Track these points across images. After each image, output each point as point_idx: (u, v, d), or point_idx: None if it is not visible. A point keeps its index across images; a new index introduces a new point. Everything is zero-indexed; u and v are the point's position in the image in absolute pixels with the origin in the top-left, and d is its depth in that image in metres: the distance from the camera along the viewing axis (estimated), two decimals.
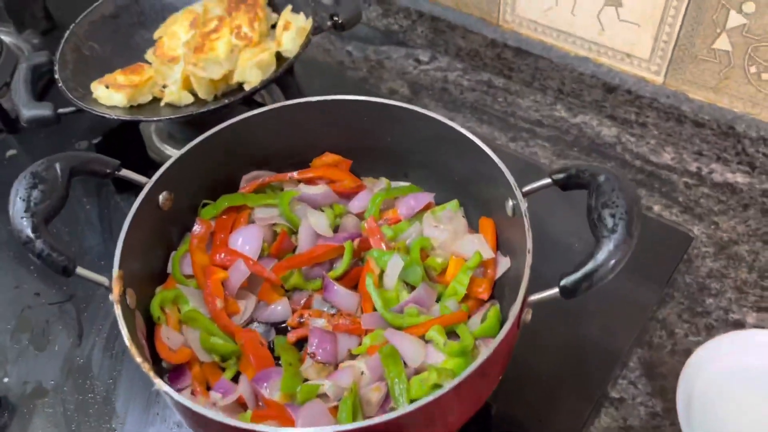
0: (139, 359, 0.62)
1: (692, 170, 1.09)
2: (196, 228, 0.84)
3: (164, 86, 1.08)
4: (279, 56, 1.07)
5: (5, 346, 0.94)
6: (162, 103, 1.05)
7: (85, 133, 1.19)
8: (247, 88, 1.02)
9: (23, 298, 0.99)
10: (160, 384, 0.60)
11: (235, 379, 0.76)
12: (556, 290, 0.63)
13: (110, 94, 1.04)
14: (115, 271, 0.69)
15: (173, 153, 0.82)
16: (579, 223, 1.03)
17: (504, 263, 0.80)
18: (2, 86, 1.25)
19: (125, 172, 0.76)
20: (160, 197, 0.79)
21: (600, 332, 0.90)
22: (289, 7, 1.08)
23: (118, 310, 0.66)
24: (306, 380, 0.73)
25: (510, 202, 0.74)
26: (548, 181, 0.70)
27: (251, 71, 1.02)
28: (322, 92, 1.28)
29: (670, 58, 1.06)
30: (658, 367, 0.88)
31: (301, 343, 0.79)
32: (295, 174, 0.89)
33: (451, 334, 0.76)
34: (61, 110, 1.02)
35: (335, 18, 1.09)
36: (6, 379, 0.91)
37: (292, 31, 1.04)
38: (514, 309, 0.64)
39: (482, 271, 0.80)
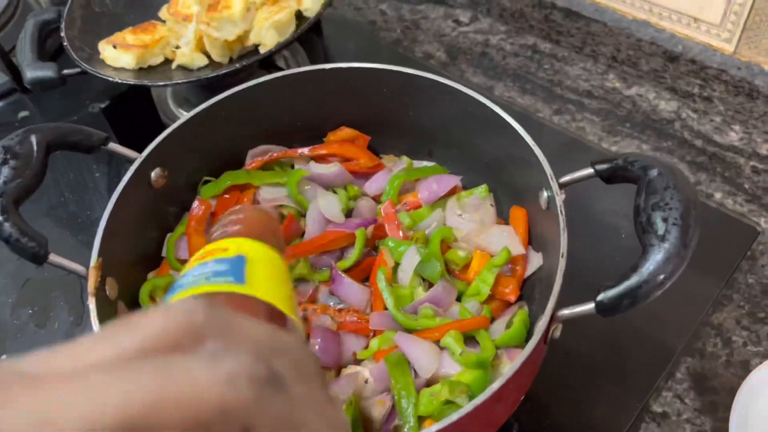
0: None
1: (762, 153, 0.96)
2: (195, 208, 0.76)
3: (177, 47, 1.00)
4: (300, 15, 0.97)
5: (5, 321, 0.90)
6: (173, 66, 0.98)
7: (99, 95, 1.14)
8: (262, 50, 0.93)
9: (26, 269, 0.95)
10: None
11: None
12: (591, 306, 0.53)
13: (118, 55, 0.96)
14: (93, 259, 0.62)
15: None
16: (629, 210, 0.93)
17: (536, 260, 0.71)
18: (16, 43, 1.19)
19: (113, 146, 0.68)
20: (153, 174, 0.71)
21: (643, 336, 0.80)
22: None
23: (92, 303, 0.59)
24: None
25: (545, 194, 0.64)
26: (590, 171, 0.60)
27: (267, 33, 0.92)
28: (350, 55, 1.19)
29: (744, 24, 0.92)
30: (710, 379, 0.78)
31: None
32: (306, 150, 0.80)
33: (471, 339, 0.67)
34: (66, 71, 0.96)
35: None
36: (4, 356, 0.87)
37: None
38: (540, 324, 0.54)
39: (510, 269, 0.71)
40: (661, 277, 0.50)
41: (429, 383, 0.64)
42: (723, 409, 0.75)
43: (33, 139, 0.62)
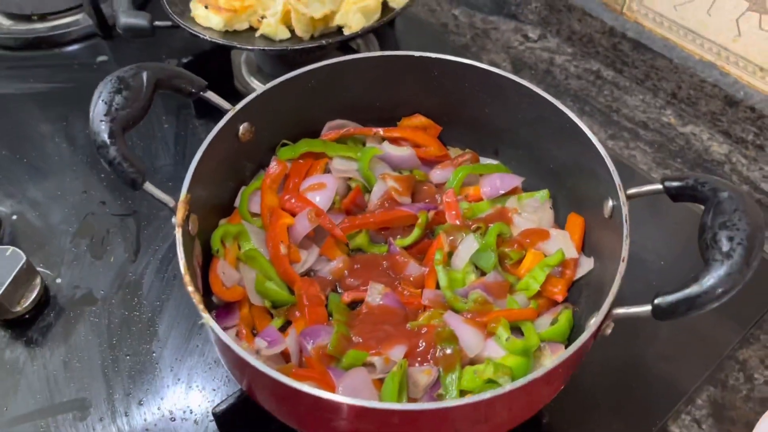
0: (190, 288, 0.59)
1: None
2: (272, 167, 0.80)
3: (263, 17, 1.04)
4: (385, 5, 1.01)
5: (64, 248, 0.94)
6: (257, 34, 1.02)
7: (176, 52, 1.18)
8: (346, 32, 0.97)
9: (89, 204, 0.99)
10: (207, 319, 0.57)
11: (284, 328, 0.73)
12: (647, 308, 0.56)
13: (208, 15, 1.01)
14: (183, 193, 0.66)
15: (259, 87, 0.79)
16: (669, 239, 0.97)
17: (586, 265, 0.74)
18: None
19: (211, 95, 0.72)
20: (241, 128, 0.75)
21: (670, 360, 0.83)
22: None
23: (178, 234, 0.63)
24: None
25: (610, 203, 0.68)
26: (659, 187, 0.63)
27: (354, 16, 0.97)
28: (419, 51, 1.23)
29: None
30: (729, 410, 0.80)
31: (354, 305, 0.75)
32: (380, 130, 0.84)
33: (515, 330, 0.70)
34: (157, 23, 1.00)
35: None
36: (59, 280, 0.91)
37: None
38: (594, 319, 0.58)
39: (560, 271, 0.74)
40: (720, 290, 0.53)
41: (472, 362, 0.68)
42: None
43: (144, 75, 0.66)
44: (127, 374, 0.82)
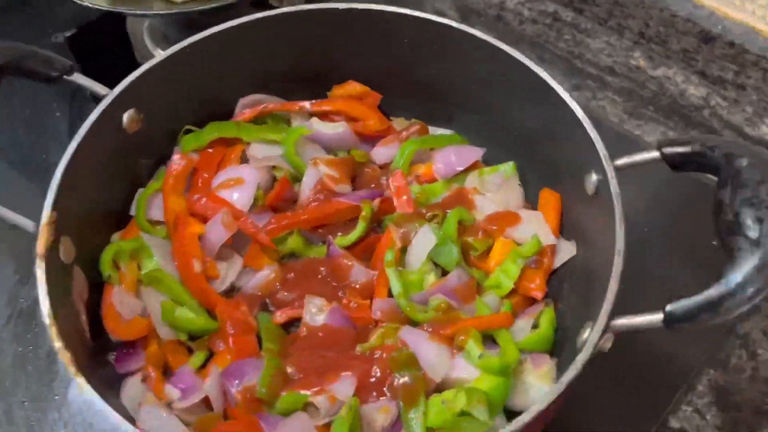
0: (57, 344, 0.45)
1: None
2: (174, 162, 0.66)
3: None
4: None
5: None
6: None
7: (64, 24, 1.02)
8: None
9: None
10: (81, 385, 0.43)
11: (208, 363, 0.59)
12: (657, 316, 0.44)
13: None
14: (46, 214, 0.51)
15: None
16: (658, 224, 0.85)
17: (566, 250, 0.62)
18: None
19: (79, 78, 0.57)
20: (125, 116, 0.61)
21: (664, 343, 0.73)
22: None
23: (40, 268, 0.48)
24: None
25: (593, 177, 0.56)
26: (655, 155, 0.51)
27: None
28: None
29: None
30: (733, 394, 0.72)
31: (291, 325, 0.62)
32: (307, 104, 0.71)
33: (488, 339, 0.58)
34: None
35: None
36: None
37: None
38: (588, 333, 0.46)
39: (535, 260, 0.62)
40: (752, 290, 0.41)
41: (440, 388, 0.55)
42: (747, 427, 0.69)
43: None
44: (24, 425, 0.68)
